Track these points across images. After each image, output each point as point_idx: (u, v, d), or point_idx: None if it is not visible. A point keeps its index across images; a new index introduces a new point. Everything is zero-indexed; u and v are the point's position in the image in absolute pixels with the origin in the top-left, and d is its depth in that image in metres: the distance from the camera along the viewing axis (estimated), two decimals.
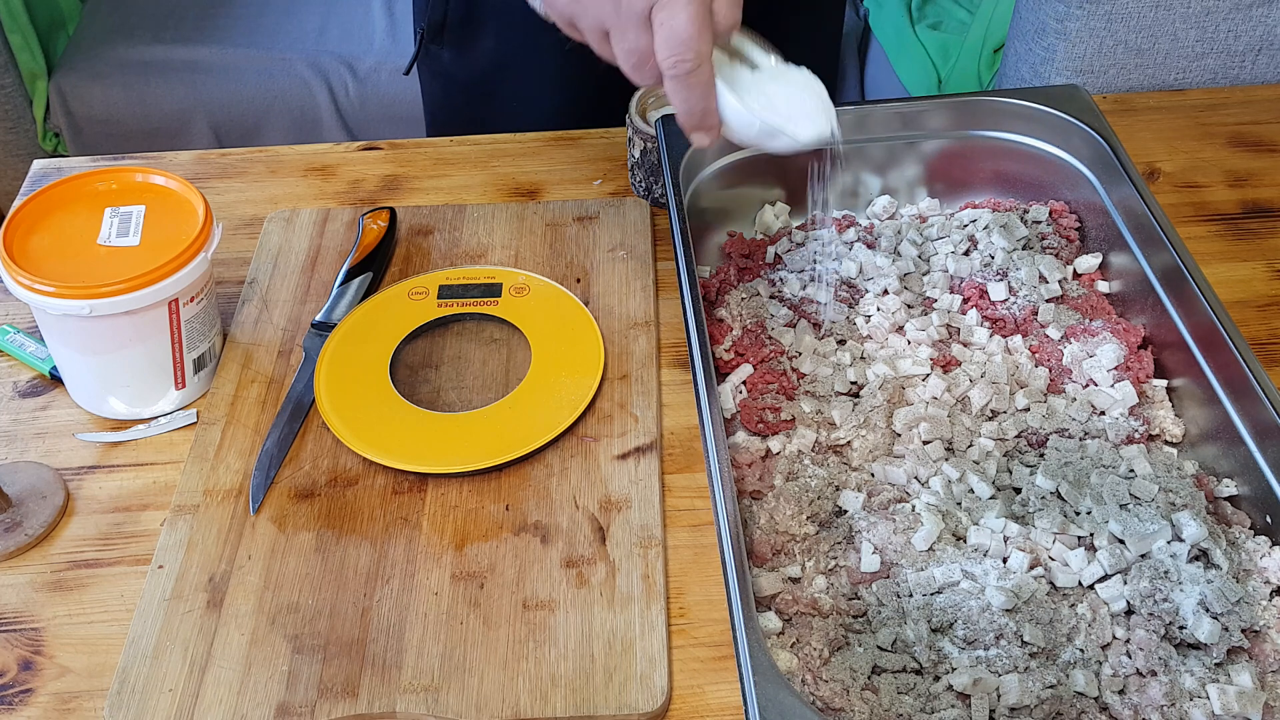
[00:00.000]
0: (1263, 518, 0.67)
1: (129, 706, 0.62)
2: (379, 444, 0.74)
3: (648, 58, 0.64)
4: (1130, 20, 1.12)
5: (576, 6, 0.65)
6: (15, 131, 1.98)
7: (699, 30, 0.63)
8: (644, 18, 0.63)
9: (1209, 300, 0.71)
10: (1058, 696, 0.59)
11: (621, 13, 0.63)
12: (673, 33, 0.62)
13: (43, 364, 0.81)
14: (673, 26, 0.62)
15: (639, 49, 0.64)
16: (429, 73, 1.11)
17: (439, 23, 1.04)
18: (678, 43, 0.63)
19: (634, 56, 0.65)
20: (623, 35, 0.64)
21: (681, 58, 0.63)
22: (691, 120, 0.67)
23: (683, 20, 0.62)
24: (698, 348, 0.69)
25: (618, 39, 0.65)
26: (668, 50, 0.63)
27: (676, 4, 0.62)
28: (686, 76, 0.64)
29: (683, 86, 0.65)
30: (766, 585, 0.64)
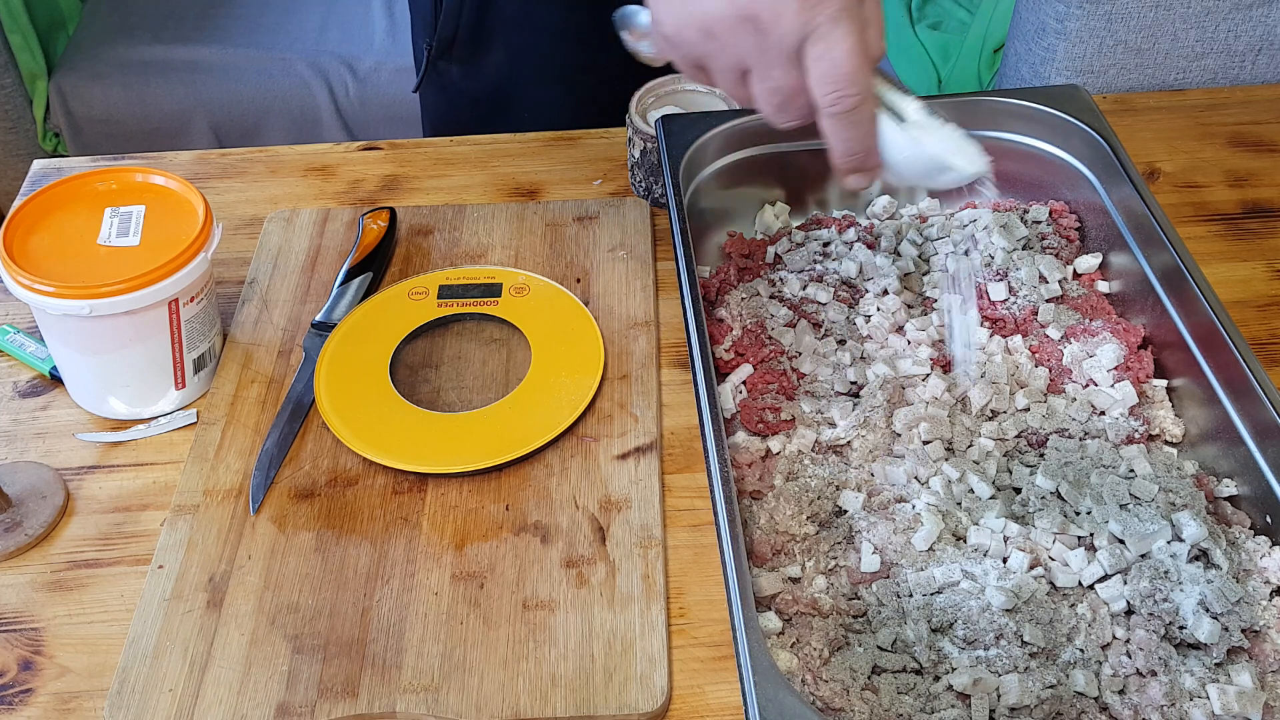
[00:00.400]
0: (1263, 518, 0.67)
1: (129, 706, 0.62)
2: (379, 444, 0.74)
3: (795, 97, 0.60)
4: (1130, 20, 1.12)
5: (711, 46, 0.61)
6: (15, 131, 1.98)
7: (861, 63, 0.59)
8: (793, 53, 0.59)
9: (1209, 300, 0.71)
10: (1058, 696, 0.59)
11: (767, 50, 0.59)
12: (832, 67, 0.58)
13: (43, 364, 0.81)
14: (832, 60, 0.58)
15: (785, 87, 0.60)
16: (435, 88, 1.10)
17: (449, 39, 1.04)
18: (838, 77, 0.59)
19: (779, 96, 0.61)
20: (766, 74, 0.60)
21: (844, 93, 0.59)
22: (852, 160, 0.63)
23: (842, 53, 0.58)
24: (698, 348, 0.69)
25: (761, 78, 0.61)
26: (829, 86, 0.59)
27: (834, 36, 0.58)
28: (850, 114, 0.60)
29: (845, 124, 0.61)
30: (766, 585, 0.64)
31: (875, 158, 0.64)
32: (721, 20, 0.59)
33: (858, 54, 0.59)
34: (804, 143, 0.86)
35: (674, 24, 0.62)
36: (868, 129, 0.62)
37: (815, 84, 0.59)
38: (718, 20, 0.59)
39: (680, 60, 0.64)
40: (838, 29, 0.58)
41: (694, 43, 0.62)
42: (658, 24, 0.63)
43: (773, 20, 0.58)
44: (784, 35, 0.58)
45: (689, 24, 0.61)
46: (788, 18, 0.58)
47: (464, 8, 1.02)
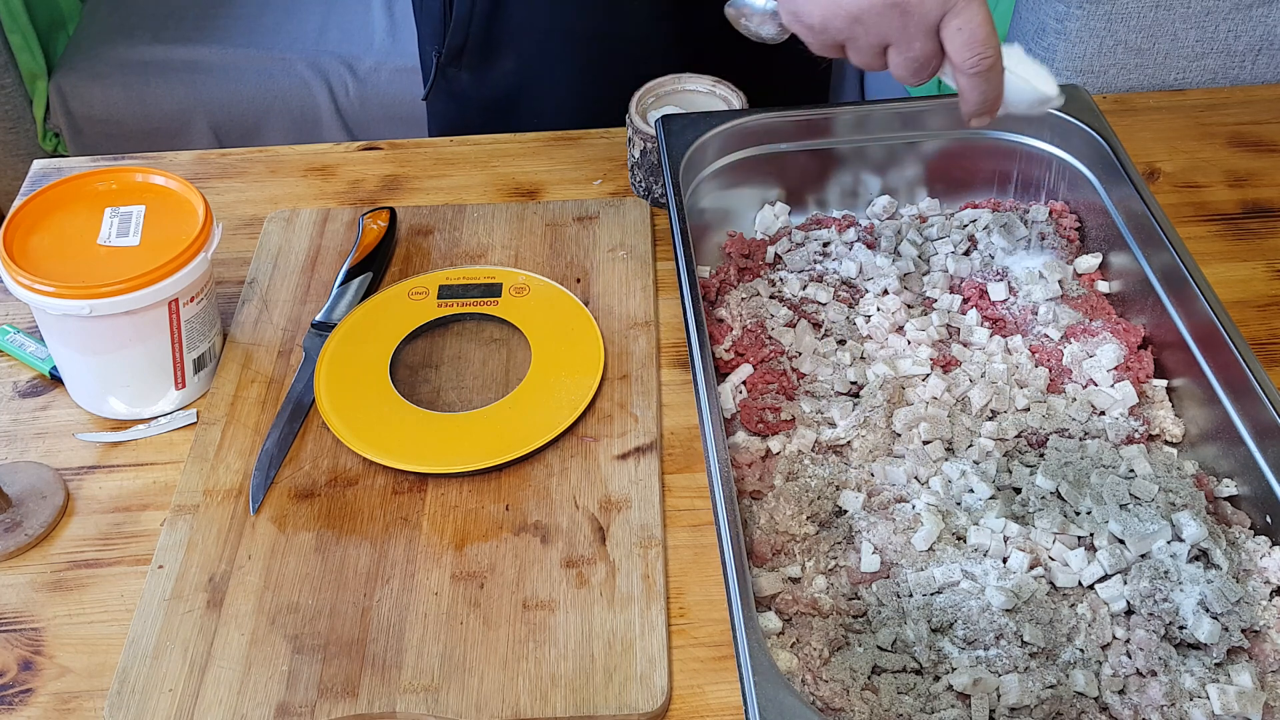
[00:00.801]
0: (1263, 518, 0.67)
1: (129, 706, 0.62)
2: (379, 444, 0.74)
3: (930, 62, 0.70)
4: (1130, 20, 1.12)
5: (857, 29, 0.69)
6: (15, 131, 1.98)
7: (993, 29, 0.69)
8: (933, 27, 0.68)
9: (1209, 300, 0.71)
10: (1058, 696, 0.59)
11: (911, 26, 0.68)
12: (972, 34, 0.68)
13: (43, 364, 0.81)
14: (971, 29, 0.68)
15: (923, 55, 0.69)
16: (444, 94, 1.10)
17: (458, 47, 1.04)
18: (978, 42, 0.68)
19: (916, 63, 0.70)
20: (908, 45, 0.69)
21: (984, 55, 0.69)
22: (984, 106, 0.72)
23: (979, 21, 0.68)
24: (698, 348, 0.69)
25: (902, 49, 0.69)
26: (970, 51, 0.68)
27: (970, 10, 0.68)
28: (989, 71, 0.70)
29: (984, 80, 0.70)
30: (766, 585, 0.64)
31: (1000, 102, 0.73)
32: (871, 8, 0.68)
33: (990, 23, 0.69)
34: (804, 143, 0.86)
35: (821, 15, 0.69)
36: (999, 80, 0.71)
37: (958, 50, 0.69)
38: (867, 9, 0.68)
39: (820, 43, 0.72)
40: (972, 4, 0.68)
41: (840, 29, 0.70)
42: (799, 15, 0.71)
43: (919, 4, 0.67)
44: (928, 14, 0.67)
45: (837, 15, 0.69)
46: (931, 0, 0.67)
47: (474, 16, 1.02)
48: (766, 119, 0.85)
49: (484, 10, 1.01)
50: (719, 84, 0.92)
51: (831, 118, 0.85)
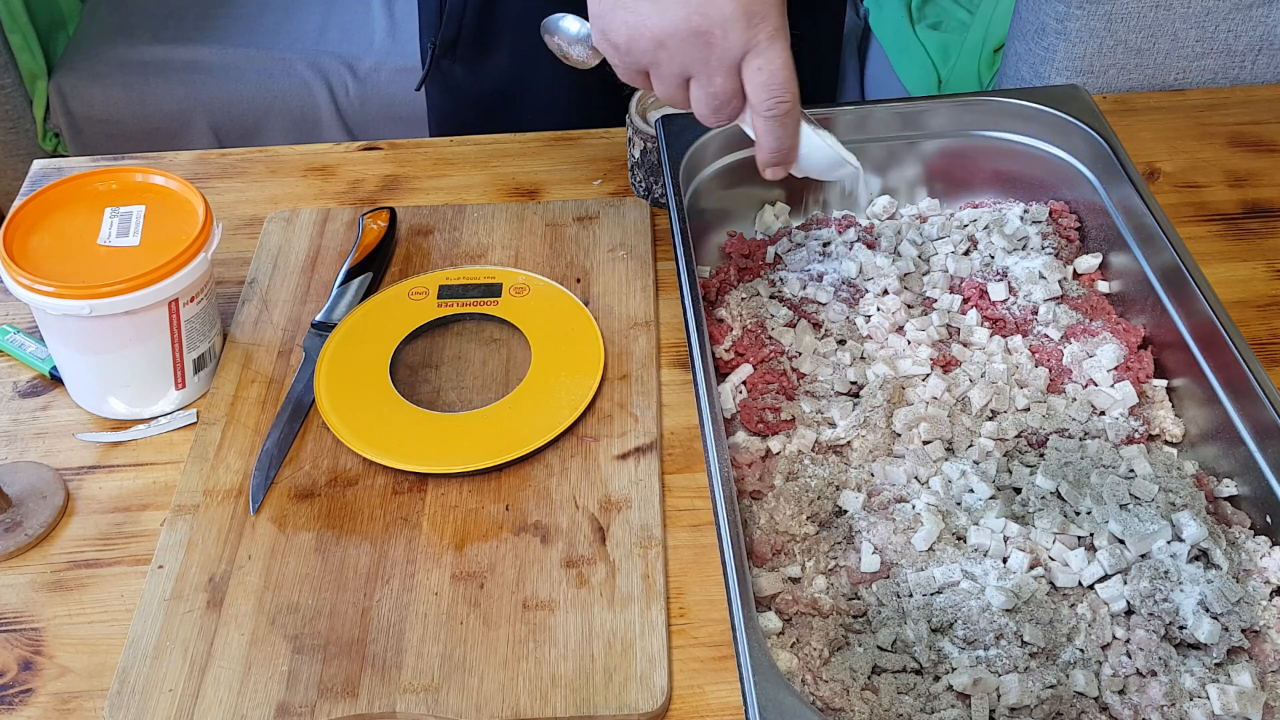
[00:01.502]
0: (1263, 518, 0.67)
1: (129, 706, 0.62)
2: (379, 444, 0.74)
3: (730, 101, 0.68)
4: (1130, 20, 1.12)
5: (660, 55, 0.67)
6: (15, 131, 1.98)
7: (793, 74, 0.67)
8: (735, 64, 0.66)
9: (1209, 300, 0.71)
10: (1058, 696, 0.59)
11: (713, 61, 0.66)
12: (771, 77, 0.67)
13: (43, 364, 0.81)
14: (771, 71, 0.67)
15: (724, 92, 0.67)
16: (439, 87, 1.10)
17: (452, 39, 1.04)
18: (777, 85, 0.67)
19: (716, 100, 0.68)
20: (709, 81, 0.67)
21: (780, 99, 0.67)
22: (778, 156, 0.71)
23: (779, 64, 0.67)
24: (698, 348, 0.69)
25: (702, 84, 0.68)
26: (767, 93, 0.67)
27: (772, 51, 0.66)
28: (784, 116, 0.68)
29: (778, 125, 0.69)
30: (766, 585, 0.64)
31: (795, 153, 0.72)
32: (675, 34, 0.65)
33: (790, 66, 0.67)
34: None
35: (627, 35, 0.67)
36: (794, 129, 0.71)
37: (756, 90, 0.67)
38: (671, 34, 0.66)
39: (623, 66, 0.70)
40: (775, 45, 0.66)
41: (644, 52, 0.67)
42: (606, 34, 0.69)
43: (722, 36, 0.65)
44: (730, 49, 0.66)
45: (642, 35, 0.67)
46: (735, 34, 0.65)
47: (466, 9, 1.02)
48: None
49: (477, 4, 1.01)
50: None
51: (831, 118, 0.85)
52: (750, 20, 0.65)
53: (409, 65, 1.97)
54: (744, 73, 0.67)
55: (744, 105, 0.69)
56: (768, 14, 0.66)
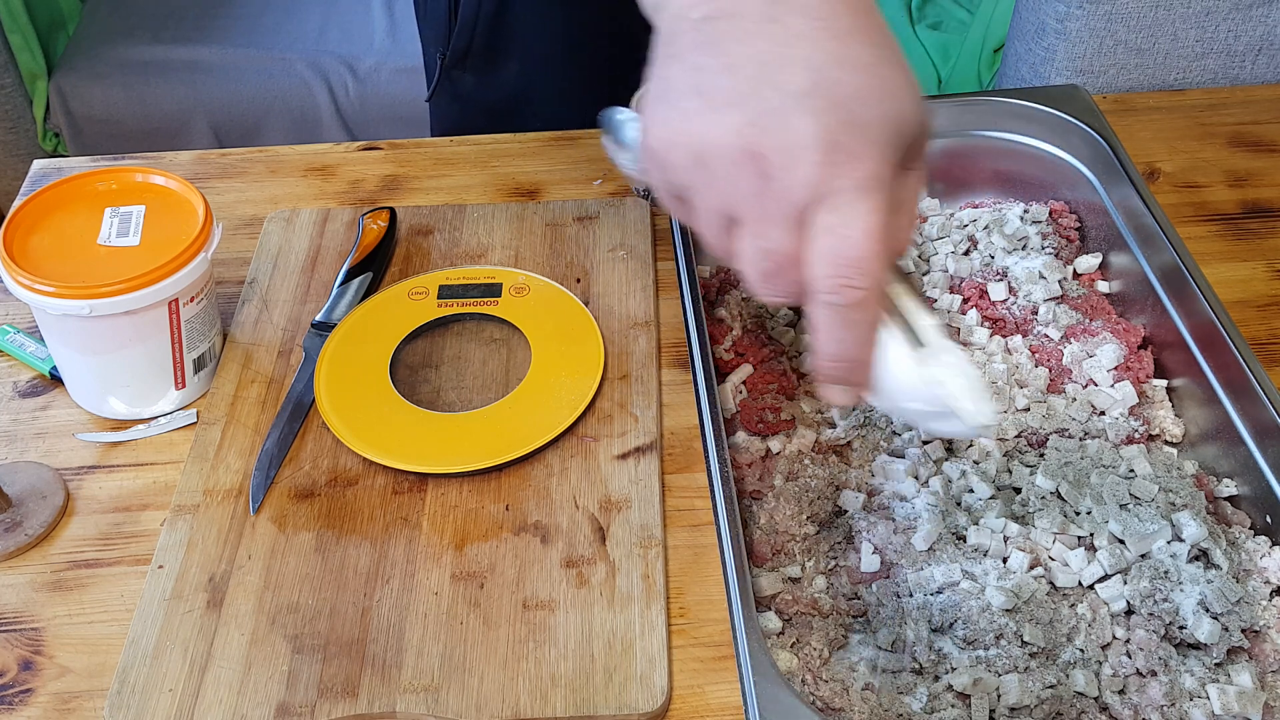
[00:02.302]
0: (1263, 518, 0.67)
1: (129, 706, 0.62)
2: (379, 444, 0.74)
3: (789, 268, 0.48)
4: (1130, 20, 1.12)
5: (698, 176, 0.49)
6: (15, 131, 1.98)
7: (879, 251, 0.46)
8: (798, 213, 0.47)
9: (1209, 300, 0.71)
10: (1058, 696, 0.59)
11: (768, 200, 0.47)
12: (843, 245, 0.46)
13: (43, 364, 0.81)
14: (844, 236, 0.46)
15: (779, 253, 0.48)
16: (447, 96, 1.10)
17: (463, 49, 1.04)
18: (847, 261, 0.46)
19: (769, 261, 0.48)
20: (760, 231, 0.48)
21: (850, 282, 0.47)
22: (837, 369, 0.50)
23: (860, 231, 0.46)
24: (698, 348, 0.69)
25: (752, 233, 0.48)
26: (832, 268, 0.47)
27: (856, 208, 0.46)
28: (851, 308, 0.48)
29: (841, 322, 0.48)
30: (766, 585, 0.64)
31: (865, 373, 0.51)
32: (719, 148, 0.47)
33: (878, 239, 0.46)
34: None
35: (663, 139, 0.50)
36: (866, 335, 0.49)
37: (816, 261, 0.47)
38: (715, 147, 0.48)
39: (660, 182, 0.53)
40: (863, 201, 0.46)
41: (680, 167, 0.50)
42: (645, 135, 0.52)
43: (783, 165, 0.46)
44: (793, 188, 0.46)
45: (679, 143, 0.49)
46: (804, 168, 0.46)
47: (479, 19, 1.01)
48: None
49: (489, 13, 1.01)
50: None
51: None
52: (831, 154, 0.45)
53: (409, 65, 1.97)
54: (808, 230, 0.47)
55: None
56: (861, 153, 0.46)
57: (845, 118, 0.46)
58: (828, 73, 0.46)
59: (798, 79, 0.46)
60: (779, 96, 0.46)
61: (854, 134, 0.46)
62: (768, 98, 0.47)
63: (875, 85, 0.47)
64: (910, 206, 0.51)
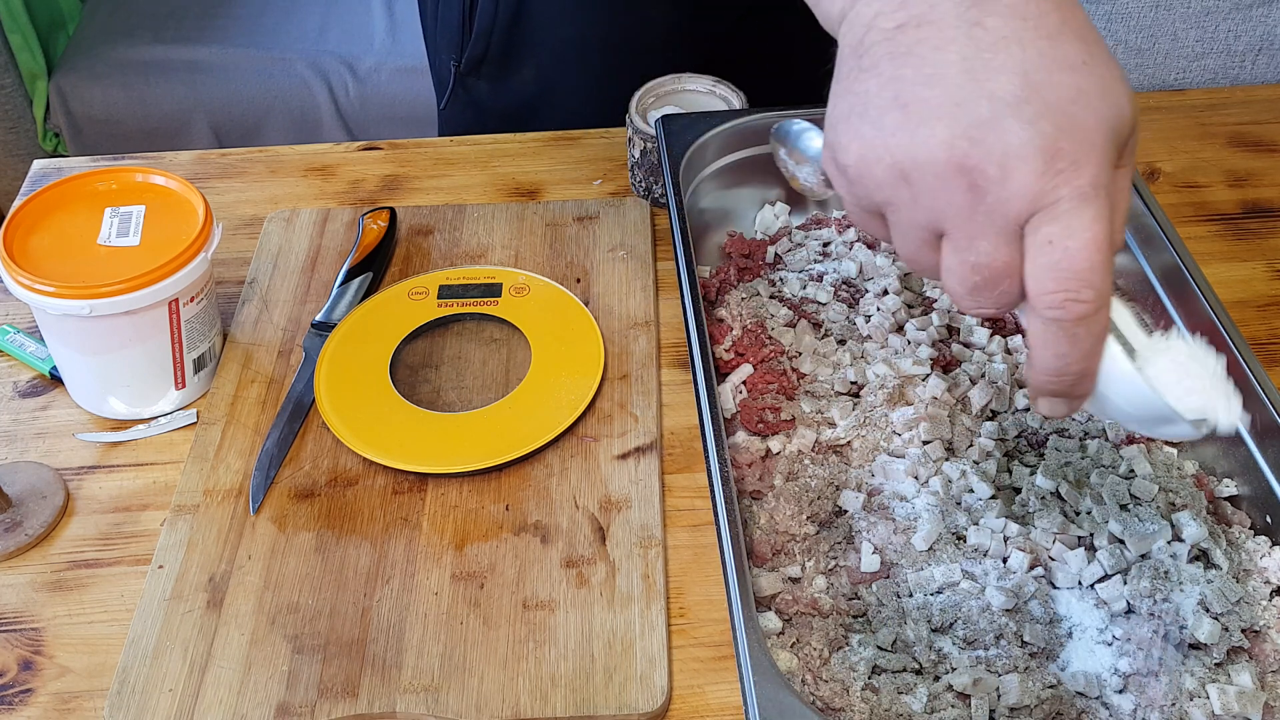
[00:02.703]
0: (1263, 518, 0.67)
1: (129, 706, 0.62)
2: (379, 444, 0.74)
3: (1001, 280, 0.46)
4: (1130, 20, 1.12)
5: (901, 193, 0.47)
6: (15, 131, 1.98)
7: (1105, 261, 0.45)
8: (1016, 226, 0.45)
9: (1209, 300, 0.71)
10: (1058, 696, 0.59)
11: (980, 214, 0.45)
12: (1068, 258, 0.44)
13: (43, 364, 0.81)
14: (1068, 248, 0.44)
15: (994, 266, 0.46)
16: (460, 104, 1.10)
17: (479, 58, 1.04)
18: (1073, 273, 0.44)
19: (981, 275, 0.46)
20: (970, 244, 0.46)
21: (1076, 296, 0.45)
22: (1062, 381, 0.48)
23: (1084, 243, 0.44)
24: (698, 348, 0.69)
25: (961, 248, 0.46)
26: (1057, 283, 0.45)
27: (1079, 219, 0.44)
28: (1076, 323, 0.46)
29: (1066, 337, 0.46)
30: (766, 585, 0.64)
31: (1089, 384, 0.49)
32: (928, 165, 0.45)
33: (1103, 248, 0.44)
34: None
35: (859, 154, 0.48)
36: (1092, 348, 0.47)
37: (1039, 275, 0.45)
38: (921, 163, 0.45)
39: (852, 200, 0.51)
40: (1086, 210, 0.44)
41: (880, 184, 0.48)
42: (835, 151, 0.49)
43: (999, 178, 0.44)
44: (1010, 200, 0.44)
45: (880, 159, 0.47)
46: (1021, 179, 0.44)
47: (495, 26, 1.01)
48: (766, 119, 0.85)
49: (505, 20, 1.01)
50: (719, 84, 0.92)
51: None
52: (1051, 163, 0.44)
53: (409, 65, 1.97)
54: (1027, 242, 0.45)
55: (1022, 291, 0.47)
56: (1083, 159, 0.44)
57: (1063, 122, 0.44)
58: (1040, 75, 0.44)
59: (1009, 85, 0.44)
60: (990, 105, 0.44)
61: (1074, 139, 0.44)
62: (977, 107, 0.44)
63: (1091, 84, 0.45)
64: (1124, 205, 0.49)
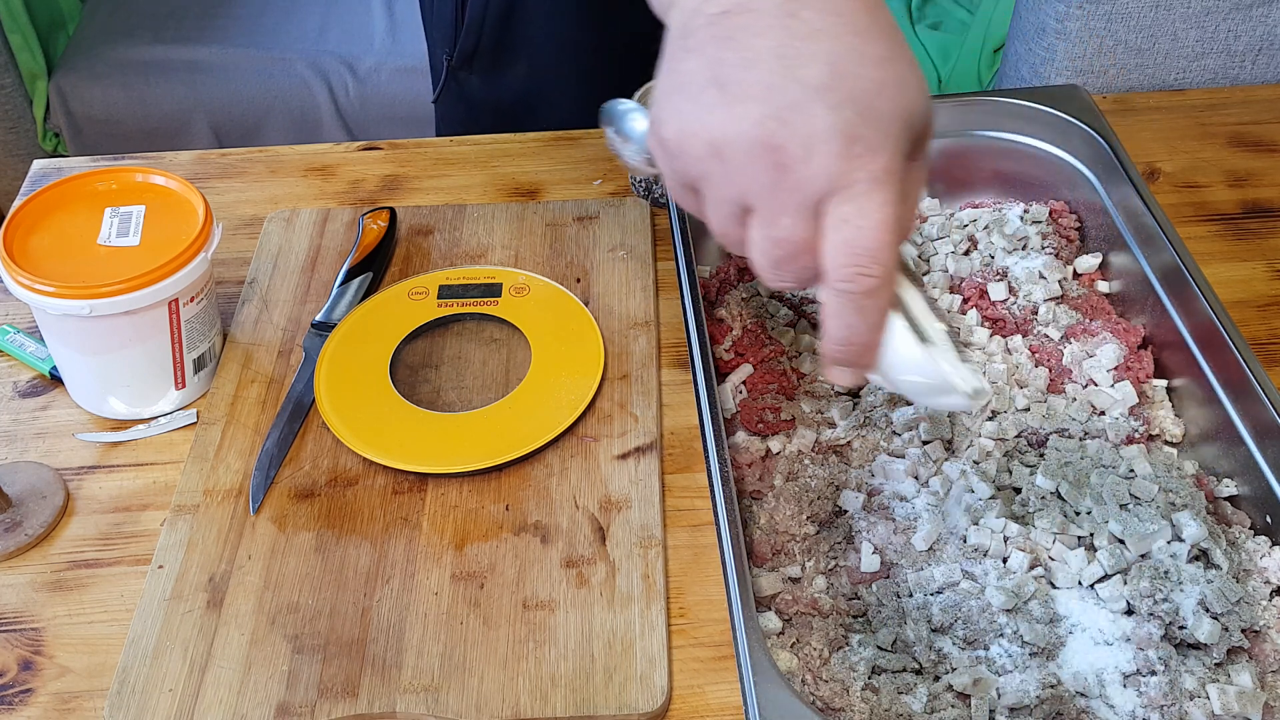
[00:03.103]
0: (1263, 518, 0.67)
1: (129, 706, 0.62)
2: (379, 444, 0.74)
3: (800, 255, 0.50)
4: (1130, 20, 1.12)
5: (713, 167, 0.50)
6: (15, 131, 1.98)
7: (892, 241, 0.49)
8: (814, 204, 0.48)
9: (1209, 300, 0.71)
10: (1058, 696, 0.59)
11: (783, 191, 0.48)
12: (860, 235, 0.48)
13: (43, 364, 0.81)
14: (860, 227, 0.48)
15: (793, 241, 0.50)
16: (454, 97, 1.10)
17: (470, 51, 1.04)
18: (863, 250, 0.48)
19: (782, 249, 0.50)
20: (773, 221, 0.50)
21: (865, 270, 0.49)
22: (847, 352, 0.53)
23: (875, 223, 0.48)
24: (698, 348, 0.69)
25: (765, 223, 0.50)
26: (848, 258, 0.49)
27: (872, 200, 0.48)
28: (863, 297, 0.50)
29: (854, 308, 0.50)
30: (766, 585, 0.64)
31: (873, 355, 0.53)
32: (737, 141, 0.49)
33: (891, 230, 0.49)
34: None
35: (677, 130, 0.51)
36: (876, 320, 0.52)
37: (833, 250, 0.49)
38: (733, 140, 0.49)
39: (671, 174, 0.54)
40: (879, 193, 0.48)
41: (695, 158, 0.51)
42: (657, 124, 0.53)
43: (803, 157, 0.48)
44: (811, 179, 0.48)
45: (696, 134, 0.50)
46: (822, 160, 0.48)
47: (486, 21, 1.01)
48: None
49: (496, 15, 1.01)
50: None
51: None
52: (849, 147, 0.47)
53: (409, 65, 1.97)
54: (824, 221, 0.49)
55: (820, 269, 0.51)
56: (879, 146, 0.48)
57: (864, 111, 0.48)
58: (847, 67, 0.48)
59: (818, 73, 0.48)
60: (800, 89, 0.48)
61: (871, 127, 0.48)
62: (788, 91, 0.48)
63: (890, 80, 0.49)
64: (915, 197, 0.54)
